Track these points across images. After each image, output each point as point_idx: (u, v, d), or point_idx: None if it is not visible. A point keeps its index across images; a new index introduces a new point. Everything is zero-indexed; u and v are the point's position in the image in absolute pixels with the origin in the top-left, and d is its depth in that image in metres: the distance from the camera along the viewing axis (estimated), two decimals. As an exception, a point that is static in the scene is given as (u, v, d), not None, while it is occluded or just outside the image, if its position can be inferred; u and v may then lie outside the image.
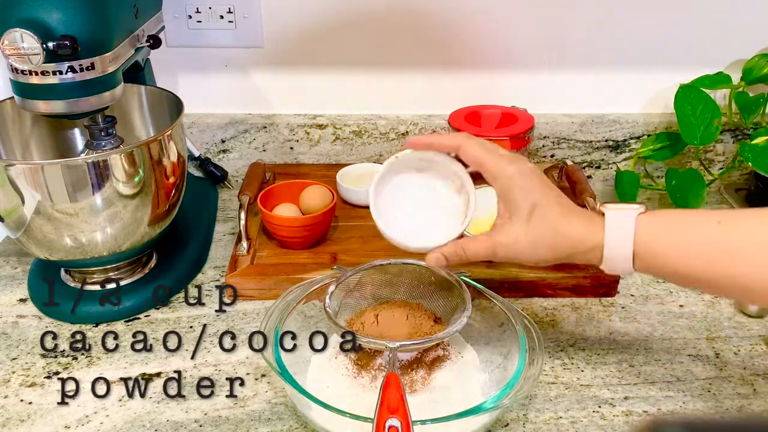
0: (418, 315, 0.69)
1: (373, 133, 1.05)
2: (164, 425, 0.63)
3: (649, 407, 0.66)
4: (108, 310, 0.77)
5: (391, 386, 0.56)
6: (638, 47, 1.01)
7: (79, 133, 0.86)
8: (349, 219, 0.93)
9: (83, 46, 0.64)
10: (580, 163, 1.07)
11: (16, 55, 0.62)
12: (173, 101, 0.80)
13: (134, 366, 0.70)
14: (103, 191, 0.69)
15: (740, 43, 1.00)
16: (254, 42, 1.00)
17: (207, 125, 1.04)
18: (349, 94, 1.05)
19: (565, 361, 0.72)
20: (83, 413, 0.65)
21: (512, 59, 1.02)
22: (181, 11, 0.97)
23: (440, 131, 1.05)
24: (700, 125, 0.95)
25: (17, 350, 0.72)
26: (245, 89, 1.04)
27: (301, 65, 1.02)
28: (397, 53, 1.02)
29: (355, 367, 0.67)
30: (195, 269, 0.85)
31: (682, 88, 0.97)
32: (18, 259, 0.87)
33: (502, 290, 0.78)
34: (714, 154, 1.07)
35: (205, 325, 0.76)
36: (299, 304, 0.68)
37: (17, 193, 0.68)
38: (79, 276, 0.80)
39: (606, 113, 1.05)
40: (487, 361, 0.68)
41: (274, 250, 0.86)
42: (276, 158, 1.07)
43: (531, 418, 0.64)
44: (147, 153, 0.71)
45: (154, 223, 0.76)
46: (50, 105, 0.67)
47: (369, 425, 0.53)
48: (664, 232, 0.55)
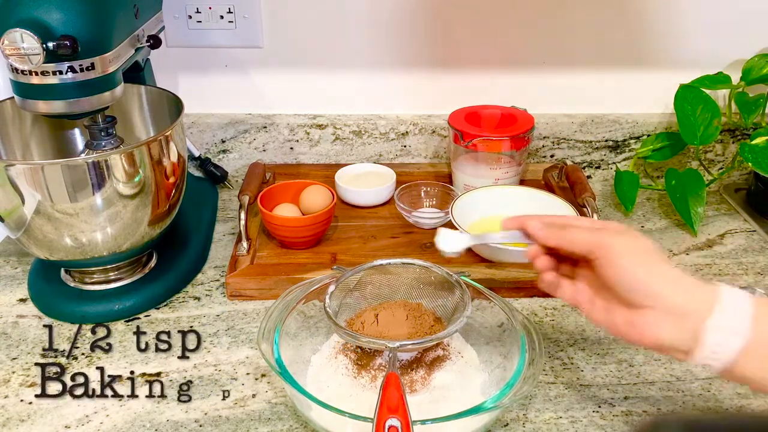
0: (418, 315, 0.69)
1: (373, 133, 1.05)
2: (164, 425, 0.63)
3: (649, 407, 0.66)
4: (108, 310, 0.77)
5: (391, 386, 0.56)
6: (638, 47, 1.01)
7: (79, 133, 0.86)
8: (349, 219, 0.93)
9: (83, 46, 0.63)
10: (580, 163, 1.07)
11: (16, 55, 0.62)
12: (173, 101, 0.80)
13: (134, 366, 0.70)
14: (103, 191, 0.69)
15: (740, 43, 1.00)
16: (254, 42, 1.00)
17: (207, 125, 1.04)
18: (349, 94, 1.05)
19: (565, 361, 0.72)
20: (83, 413, 0.65)
21: (512, 59, 1.02)
22: (181, 11, 0.97)
23: (440, 131, 1.05)
24: (700, 125, 0.95)
25: (17, 350, 0.72)
26: (245, 89, 1.04)
27: (301, 65, 1.02)
28: (397, 53, 1.02)
29: (355, 367, 0.67)
30: (195, 269, 0.85)
31: (682, 88, 0.97)
32: (18, 259, 0.87)
33: (502, 290, 0.78)
34: (714, 154, 1.07)
35: (205, 325, 0.76)
36: (299, 304, 0.68)
37: (17, 193, 0.68)
38: (79, 276, 0.80)
39: (606, 113, 1.05)
40: (487, 361, 0.68)
41: (274, 250, 0.86)
42: (276, 158, 1.07)
43: (531, 418, 0.64)
44: (147, 153, 0.71)
45: (154, 223, 0.76)
46: (50, 105, 0.67)
47: (369, 425, 0.53)
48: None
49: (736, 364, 0.49)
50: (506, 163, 0.94)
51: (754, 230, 0.96)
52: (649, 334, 0.51)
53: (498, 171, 0.94)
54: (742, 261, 0.89)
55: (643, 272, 0.51)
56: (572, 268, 0.57)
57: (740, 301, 0.49)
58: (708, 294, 0.50)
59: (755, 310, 0.48)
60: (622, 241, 0.53)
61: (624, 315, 0.52)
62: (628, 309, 0.52)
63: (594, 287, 0.55)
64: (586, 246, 0.54)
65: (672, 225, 0.97)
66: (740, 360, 0.48)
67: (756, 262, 0.89)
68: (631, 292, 0.51)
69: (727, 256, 0.90)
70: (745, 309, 0.49)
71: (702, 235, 0.94)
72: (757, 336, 0.48)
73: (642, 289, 0.51)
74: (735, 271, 0.87)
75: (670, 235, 0.94)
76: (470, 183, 0.95)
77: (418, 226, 0.91)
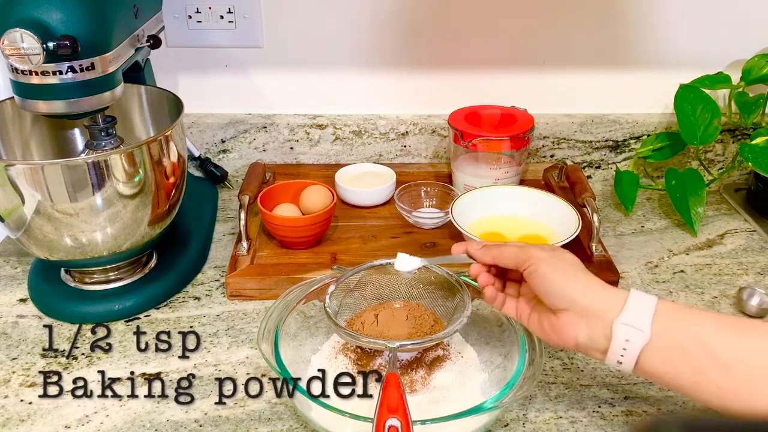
0: (418, 315, 0.69)
1: (373, 133, 1.05)
2: (164, 425, 0.63)
3: (649, 407, 0.66)
4: (108, 310, 0.77)
5: (391, 386, 0.56)
6: (638, 47, 1.01)
7: (79, 133, 0.86)
8: (349, 219, 0.93)
9: (83, 46, 0.63)
10: (580, 163, 1.07)
11: (16, 55, 0.62)
12: (173, 101, 0.80)
13: (134, 366, 0.70)
14: (103, 191, 0.69)
15: (740, 43, 1.00)
16: (254, 42, 1.00)
17: (207, 125, 1.04)
18: (349, 94, 1.05)
19: (565, 361, 0.72)
20: (83, 413, 0.65)
21: (512, 59, 1.02)
22: (181, 11, 0.97)
23: (440, 131, 1.05)
24: (700, 125, 0.95)
25: (17, 350, 0.72)
26: (245, 89, 1.04)
27: (301, 65, 1.02)
28: (397, 53, 1.02)
29: (355, 367, 0.67)
30: (195, 269, 0.85)
31: (682, 88, 0.97)
32: (18, 259, 0.87)
33: (502, 290, 0.78)
34: (714, 154, 1.07)
35: (205, 325, 0.76)
36: (299, 304, 0.68)
37: (17, 193, 0.68)
38: (79, 276, 0.80)
39: (606, 113, 1.05)
40: (487, 361, 0.68)
41: (274, 250, 0.86)
42: (276, 158, 1.07)
43: (531, 418, 0.64)
44: (147, 153, 0.71)
45: (154, 223, 0.76)
46: (50, 105, 0.67)
47: (369, 425, 0.53)
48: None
49: (643, 361, 0.53)
50: (506, 163, 0.94)
51: (754, 230, 0.96)
52: (566, 334, 0.56)
53: (498, 171, 0.94)
54: (742, 261, 0.89)
55: (560, 279, 0.57)
56: (518, 287, 0.64)
57: (644, 302, 0.54)
58: (618, 297, 0.55)
59: (656, 308, 0.53)
60: (545, 254, 0.59)
61: (549, 320, 0.58)
62: (553, 314, 0.58)
63: (532, 302, 0.61)
64: (515, 259, 0.60)
65: (672, 225, 0.97)
66: (645, 356, 0.53)
67: (756, 262, 0.89)
68: (550, 296, 0.57)
69: (727, 256, 0.90)
70: (648, 308, 0.54)
71: (702, 235, 0.95)
72: (656, 332, 0.53)
73: (560, 293, 0.57)
74: (735, 271, 0.87)
75: (670, 235, 0.94)
76: (470, 183, 0.95)
77: (418, 226, 0.91)
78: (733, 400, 0.51)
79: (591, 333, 0.55)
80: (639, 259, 0.89)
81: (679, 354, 0.52)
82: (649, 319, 0.53)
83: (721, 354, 0.51)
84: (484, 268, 0.64)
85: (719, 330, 0.52)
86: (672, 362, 0.52)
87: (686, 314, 0.54)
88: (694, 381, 0.52)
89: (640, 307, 0.54)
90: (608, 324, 0.54)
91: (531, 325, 0.61)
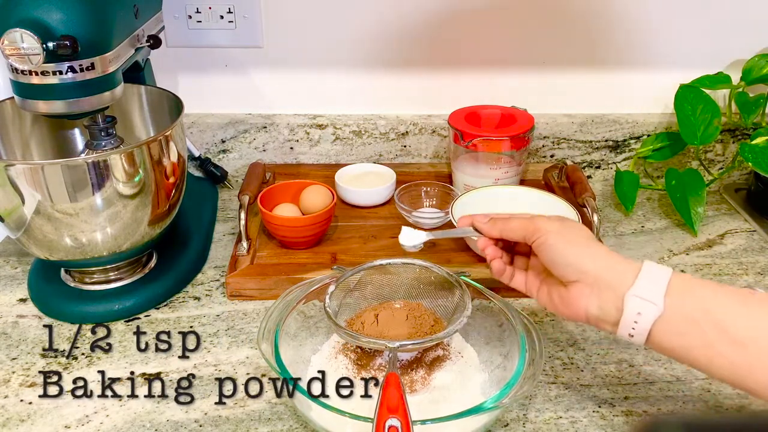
0: (418, 315, 0.69)
1: (373, 133, 1.05)
2: (164, 425, 0.63)
3: (649, 407, 0.66)
4: (108, 310, 0.77)
5: (391, 386, 0.56)
6: (638, 47, 1.01)
7: (79, 133, 0.86)
8: (349, 219, 0.93)
9: (83, 46, 0.63)
10: (580, 163, 1.07)
11: (16, 55, 0.62)
12: (173, 101, 0.80)
13: (134, 366, 0.70)
14: (103, 191, 0.69)
15: (740, 43, 1.00)
16: (254, 42, 1.00)
17: (207, 125, 1.04)
18: (349, 94, 1.05)
19: (565, 361, 0.72)
20: (83, 413, 0.65)
21: (512, 59, 1.02)
22: (181, 11, 0.97)
23: (440, 131, 1.05)
24: (700, 125, 0.95)
25: (17, 350, 0.72)
26: (245, 89, 1.04)
27: (301, 65, 1.02)
28: (396, 53, 1.02)
29: (355, 367, 0.67)
30: (195, 269, 0.85)
31: (682, 88, 0.97)
32: (18, 259, 0.87)
33: (502, 290, 0.78)
34: (714, 154, 1.07)
35: (205, 325, 0.76)
36: (299, 304, 0.68)
37: (17, 193, 0.68)
38: (79, 276, 0.80)
39: (606, 113, 1.05)
40: (487, 361, 0.68)
41: (274, 250, 0.86)
42: (276, 158, 1.07)
43: (531, 418, 0.64)
44: (147, 153, 0.71)
45: (154, 223, 0.76)
46: (50, 105, 0.67)
47: (369, 425, 0.53)
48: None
49: (655, 334, 0.52)
50: (506, 163, 0.94)
51: (754, 230, 0.96)
52: (576, 307, 0.56)
53: (498, 171, 0.94)
54: (742, 261, 0.89)
55: (569, 250, 0.56)
56: (526, 260, 0.63)
57: (658, 274, 0.53)
58: (630, 268, 0.54)
59: (670, 281, 0.52)
60: (554, 225, 0.58)
61: (559, 292, 0.57)
62: (564, 287, 0.57)
63: (541, 275, 0.60)
64: (522, 231, 0.59)
65: (672, 225, 0.97)
66: (657, 330, 0.52)
67: (756, 262, 0.89)
68: (560, 267, 0.56)
69: (727, 256, 0.90)
70: (662, 281, 0.52)
71: (702, 235, 0.94)
72: (669, 306, 0.51)
73: (570, 264, 0.55)
74: (735, 271, 0.87)
75: (670, 235, 0.94)
76: (470, 183, 0.95)
77: (418, 226, 0.91)
78: (745, 375, 0.50)
79: (602, 304, 0.54)
80: (639, 259, 0.89)
81: (691, 328, 0.51)
82: (662, 291, 0.52)
83: (735, 329, 0.50)
84: (491, 242, 0.63)
85: (734, 305, 0.51)
86: (684, 336, 0.51)
87: (701, 287, 0.52)
88: (707, 355, 0.51)
89: (653, 278, 0.53)
90: (620, 296, 0.53)
91: (540, 298, 0.60)
